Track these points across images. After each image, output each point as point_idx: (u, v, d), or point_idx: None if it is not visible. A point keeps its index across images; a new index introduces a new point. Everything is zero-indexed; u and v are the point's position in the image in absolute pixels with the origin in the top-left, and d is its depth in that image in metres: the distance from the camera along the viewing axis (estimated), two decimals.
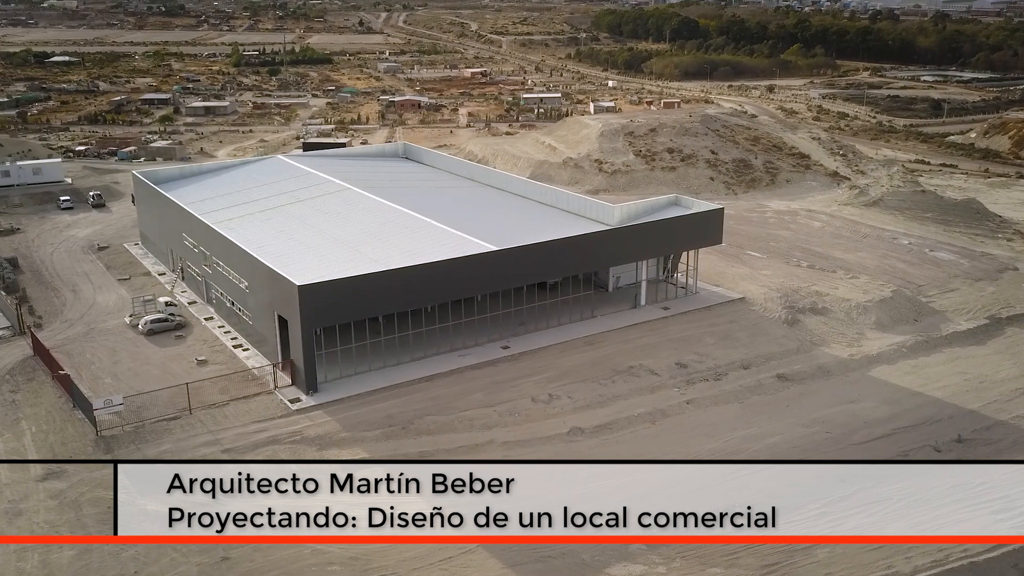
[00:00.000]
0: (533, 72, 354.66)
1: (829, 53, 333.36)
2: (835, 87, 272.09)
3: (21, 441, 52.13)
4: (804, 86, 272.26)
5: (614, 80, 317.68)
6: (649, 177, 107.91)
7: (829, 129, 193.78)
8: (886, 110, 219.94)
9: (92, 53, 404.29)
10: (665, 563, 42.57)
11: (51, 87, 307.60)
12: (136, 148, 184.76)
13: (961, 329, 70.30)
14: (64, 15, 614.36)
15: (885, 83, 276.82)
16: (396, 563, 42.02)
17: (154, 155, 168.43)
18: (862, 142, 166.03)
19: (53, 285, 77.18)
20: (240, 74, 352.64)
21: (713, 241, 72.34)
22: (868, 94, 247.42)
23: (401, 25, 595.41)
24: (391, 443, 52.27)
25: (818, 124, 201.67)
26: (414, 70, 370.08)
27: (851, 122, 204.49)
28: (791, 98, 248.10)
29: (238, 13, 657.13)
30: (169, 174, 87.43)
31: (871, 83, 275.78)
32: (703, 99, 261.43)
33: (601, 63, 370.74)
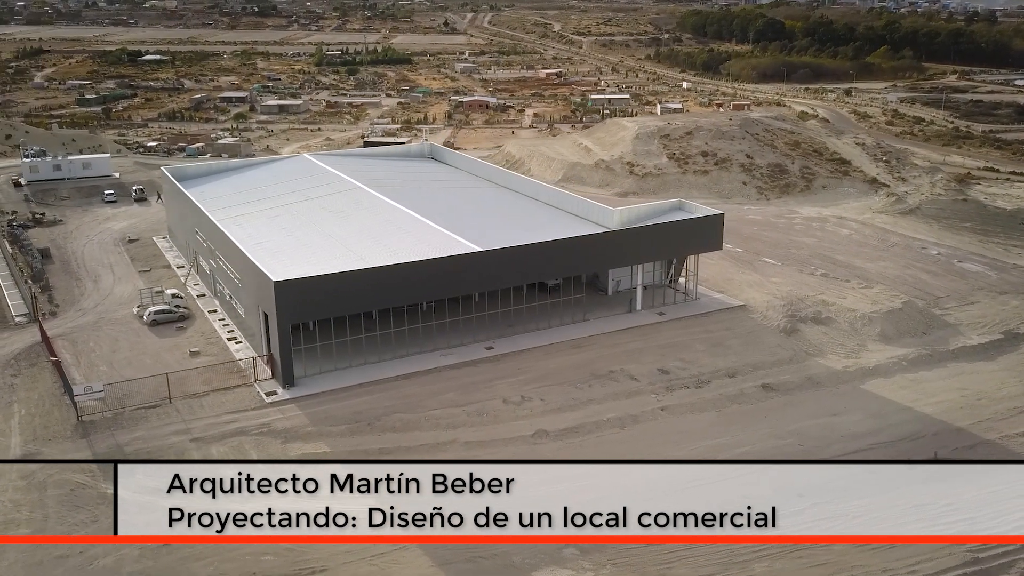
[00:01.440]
0: (609, 73, 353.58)
1: (918, 56, 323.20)
2: (917, 91, 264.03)
3: (8, 423, 54.59)
4: (885, 90, 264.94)
5: (689, 82, 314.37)
6: (681, 180, 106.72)
7: (900, 134, 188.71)
8: (966, 115, 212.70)
9: (183, 52, 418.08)
10: (595, 568, 42.43)
11: (139, 85, 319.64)
12: (203, 145, 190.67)
13: (971, 344, 67.89)
14: (163, 15, 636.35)
15: (972, 87, 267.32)
16: (328, 556, 42.77)
17: (220, 152, 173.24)
18: (931, 148, 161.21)
19: (77, 275, 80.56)
20: (320, 73, 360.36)
21: (713, 247, 71.31)
22: (949, 98, 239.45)
23: (486, 26, 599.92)
24: (354, 439, 53.16)
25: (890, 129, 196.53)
26: (490, 71, 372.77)
27: (926, 127, 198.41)
28: (867, 102, 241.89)
29: (328, 13, 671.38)
30: (197, 170, 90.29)
31: (956, 87, 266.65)
32: (775, 102, 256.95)
33: (680, 64, 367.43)
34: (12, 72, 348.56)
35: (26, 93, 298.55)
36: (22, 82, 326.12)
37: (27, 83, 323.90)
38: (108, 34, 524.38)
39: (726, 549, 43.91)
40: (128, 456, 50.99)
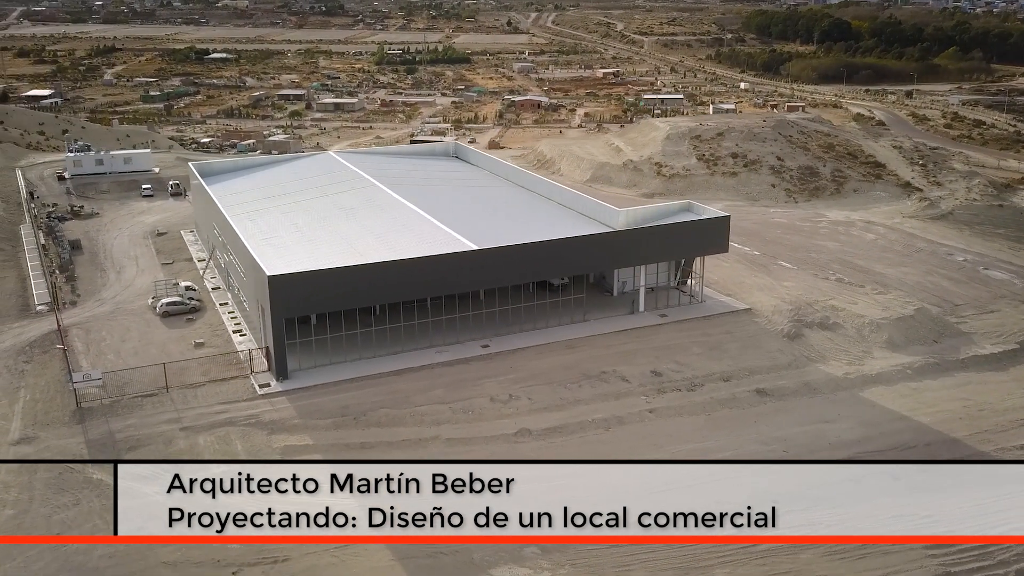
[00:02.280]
0: (668, 73, 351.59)
1: (988, 58, 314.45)
2: (982, 93, 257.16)
3: (12, 407, 56.66)
4: (949, 92, 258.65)
5: (747, 83, 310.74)
6: (708, 182, 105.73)
7: (957, 138, 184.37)
8: None
9: (248, 50, 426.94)
10: (552, 568, 42.58)
11: (202, 82, 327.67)
12: (255, 141, 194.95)
13: (983, 353, 66.23)
14: (233, 14, 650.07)
15: None
16: (292, 547, 43.58)
17: (271, 148, 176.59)
18: (988, 152, 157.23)
19: (103, 266, 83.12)
20: (379, 72, 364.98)
21: (719, 249, 70.67)
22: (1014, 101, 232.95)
23: (549, 25, 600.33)
24: (338, 432, 54.03)
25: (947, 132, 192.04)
26: (548, 70, 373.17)
27: (985, 131, 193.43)
28: (927, 104, 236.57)
29: (394, 13, 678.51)
30: (223, 166, 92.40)
31: (1023, 90, 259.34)
32: (832, 103, 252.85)
33: (740, 65, 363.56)
34: (84, 69, 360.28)
35: (95, 90, 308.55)
36: (93, 79, 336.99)
37: (97, 80, 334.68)
38: (179, 33, 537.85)
39: (688, 552, 43.75)
40: (118, 442, 52.67)
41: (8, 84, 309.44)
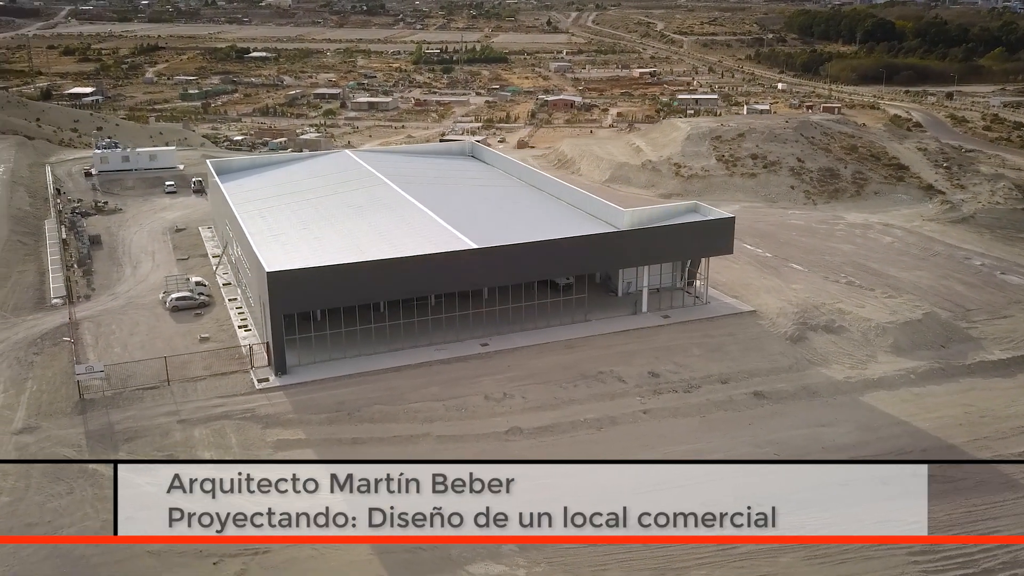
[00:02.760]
0: (706, 73, 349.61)
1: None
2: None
3: (18, 398, 57.99)
4: (992, 93, 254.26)
5: (785, 83, 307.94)
6: (727, 183, 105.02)
7: (996, 140, 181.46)
8: None
9: (288, 49, 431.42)
10: (528, 566, 42.77)
11: (241, 81, 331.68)
12: (286, 140, 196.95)
13: (991, 359, 65.23)
14: (276, 13, 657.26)
15: None
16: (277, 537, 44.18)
17: (302, 147, 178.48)
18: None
19: (120, 261, 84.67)
20: (416, 72, 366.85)
21: (723, 251, 70.28)
22: None
23: (589, 25, 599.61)
24: (332, 427, 54.65)
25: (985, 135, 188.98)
26: (585, 70, 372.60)
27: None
28: (967, 106, 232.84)
29: (434, 12, 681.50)
30: (241, 163, 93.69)
31: None
32: (870, 104, 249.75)
33: (779, 65, 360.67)
34: (126, 68, 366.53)
35: (136, 87, 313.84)
36: (134, 77, 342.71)
37: (139, 78, 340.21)
38: (222, 31, 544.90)
39: (666, 553, 43.73)
40: (116, 433, 53.73)
41: (52, 82, 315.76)
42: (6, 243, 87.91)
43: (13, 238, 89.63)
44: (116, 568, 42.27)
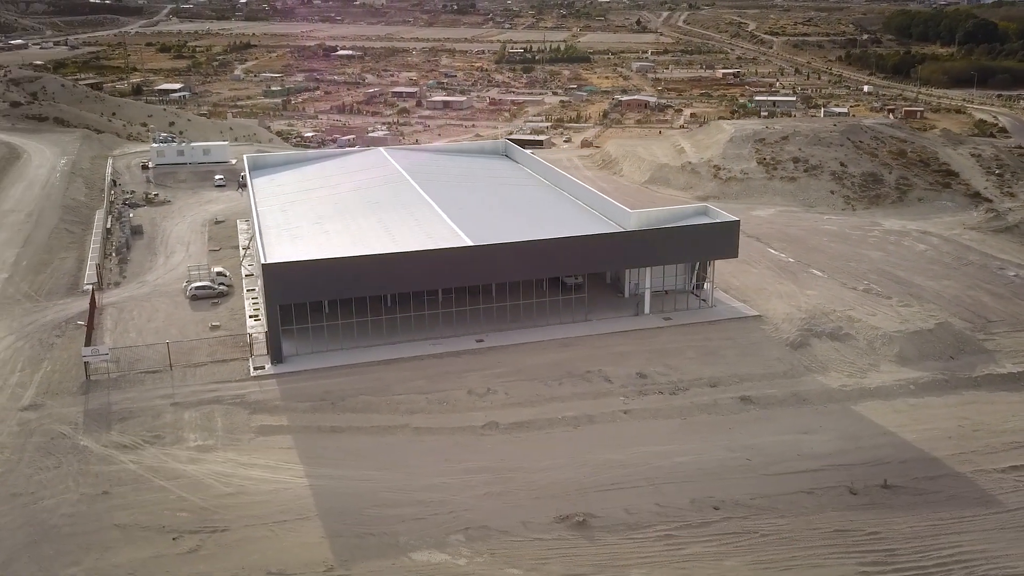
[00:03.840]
0: (792, 74, 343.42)
1: None
2: None
3: (32, 377, 61.26)
4: None
5: (872, 85, 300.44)
6: (765, 186, 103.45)
7: None
8: None
9: (375, 48, 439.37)
10: (471, 556, 43.53)
11: (324, 78, 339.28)
12: (354, 137, 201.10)
13: (1000, 372, 63.23)
14: (368, 12, 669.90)
15: None
16: (234, 518, 46.02)
17: (369, 144, 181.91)
18: None
19: (156, 250, 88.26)
20: (496, 71, 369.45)
21: (728, 254, 69.63)
22: None
23: (680, 25, 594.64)
24: (314, 415, 56.28)
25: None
26: (667, 70, 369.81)
27: None
28: None
29: (525, 12, 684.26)
30: (277, 159, 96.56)
31: None
32: (956, 108, 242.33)
33: (869, 67, 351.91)
34: (217, 65, 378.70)
35: (223, 84, 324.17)
36: (223, 74, 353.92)
37: (227, 75, 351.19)
38: (314, 30, 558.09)
39: (609, 550, 44.05)
40: (112, 413, 56.35)
41: (145, 78, 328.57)
42: (53, 231, 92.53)
43: (61, 226, 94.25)
44: (83, 539, 44.56)
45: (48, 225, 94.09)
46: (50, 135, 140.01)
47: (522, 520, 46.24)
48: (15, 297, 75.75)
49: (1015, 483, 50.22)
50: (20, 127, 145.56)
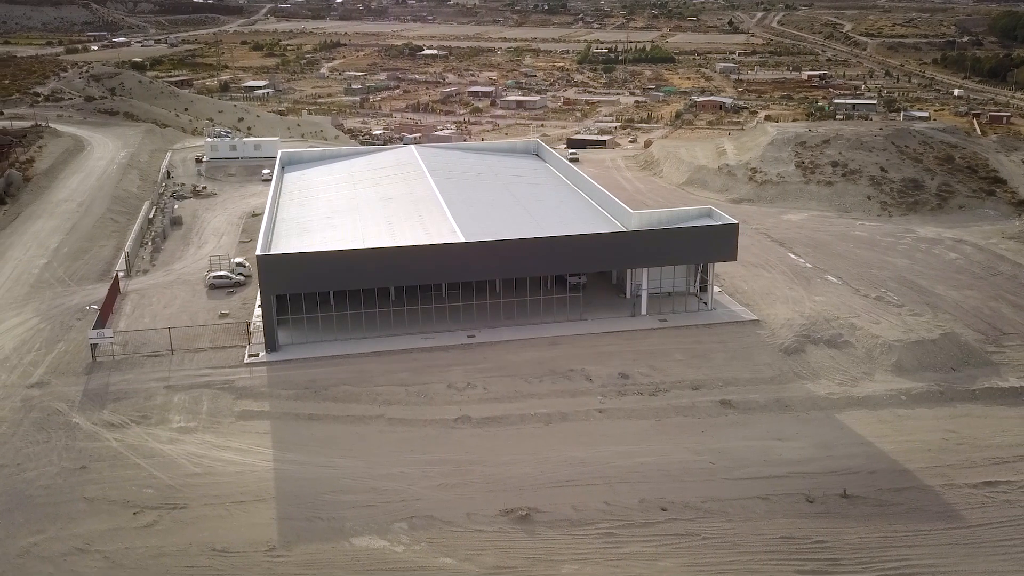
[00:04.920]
0: (882, 77, 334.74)
1: None
2: None
3: (46, 356, 64.76)
4: None
5: (963, 89, 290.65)
6: (801, 190, 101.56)
7: None
8: None
9: (461, 48, 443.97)
10: (409, 544, 44.60)
11: (405, 77, 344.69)
12: (421, 135, 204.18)
13: (1002, 386, 61.25)
14: (460, 12, 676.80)
15: None
16: (195, 497, 48.12)
17: (435, 141, 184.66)
18: None
19: (190, 240, 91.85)
20: (577, 71, 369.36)
21: (726, 257, 68.97)
22: None
23: (773, 26, 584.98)
24: (296, 403, 58.12)
25: None
26: (752, 71, 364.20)
27: None
28: None
29: (616, 12, 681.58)
30: (311, 155, 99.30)
31: None
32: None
33: (964, 70, 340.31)
34: (304, 63, 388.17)
35: (307, 82, 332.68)
36: (310, 72, 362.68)
37: (313, 73, 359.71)
38: (404, 29, 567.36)
39: (545, 546, 44.59)
40: (108, 393, 59.19)
41: (234, 75, 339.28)
42: (99, 220, 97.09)
43: (107, 216, 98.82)
44: (52, 509, 47.19)
45: (95, 214, 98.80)
46: (116, 129, 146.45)
47: (468, 512, 47.07)
48: (48, 281, 79.96)
49: (984, 499, 48.77)
50: (91, 121, 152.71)
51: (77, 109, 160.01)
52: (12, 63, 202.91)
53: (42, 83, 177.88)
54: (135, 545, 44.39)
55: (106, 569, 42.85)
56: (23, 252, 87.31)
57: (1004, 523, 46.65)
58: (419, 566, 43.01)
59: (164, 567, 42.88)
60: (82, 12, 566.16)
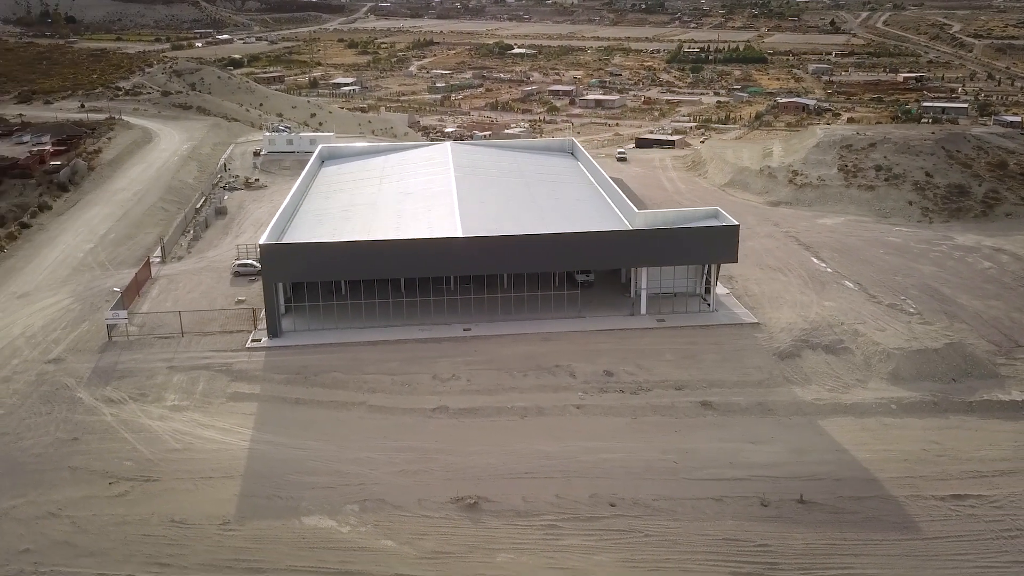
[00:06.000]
0: (983, 80, 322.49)
1: None
2: None
3: (69, 335, 68.62)
4: None
5: None
6: (841, 194, 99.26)
7: None
8: None
9: (551, 47, 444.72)
10: (356, 525, 46.21)
11: (490, 76, 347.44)
12: (491, 133, 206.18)
13: (1003, 399, 59.37)
14: (556, 11, 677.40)
15: None
16: (168, 471, 50.73)
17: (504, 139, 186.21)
18: None
19: (228, 230, 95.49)
20: (664, 70, 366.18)
21: (726, 258, 68.45)
22: None
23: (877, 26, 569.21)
24: (285, 387, 60.39)
25: None
26: (846, 72, 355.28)
27: None
28: None
29: (715, 11, 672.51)
30: (351, 150, 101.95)
31: None
32: None
33: None
34: (395, 61, 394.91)
35: (394, 79, 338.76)
36: (399, 70, 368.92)
37: (401, 71, 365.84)
38: (500, 28, 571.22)
39: (485, 534, 45.62)
40: (115, 371, 62.46)
41: (325, 72, 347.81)
42: (149, 208, 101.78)
43: (159, 204, 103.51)
44: (38, 476, 50.42)
45: (147, 203, 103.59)
46: (186, 122, 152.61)
47: (420, 498, 48.39)
48: (90, 265, 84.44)
49: (949, 512, 47.68)
50: (164, 114, 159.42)
51: (153, 103, 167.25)
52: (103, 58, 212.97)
53: (127, 78, 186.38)
54: (103, 512, 47.12)
55: (71, 533, 45.64)
56: (73, 237, 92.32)
57: (962, 537, 45.57)
58: (360, 547, 44.52)
59: (123, 534, 45.46)
60: (192, 10, 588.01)
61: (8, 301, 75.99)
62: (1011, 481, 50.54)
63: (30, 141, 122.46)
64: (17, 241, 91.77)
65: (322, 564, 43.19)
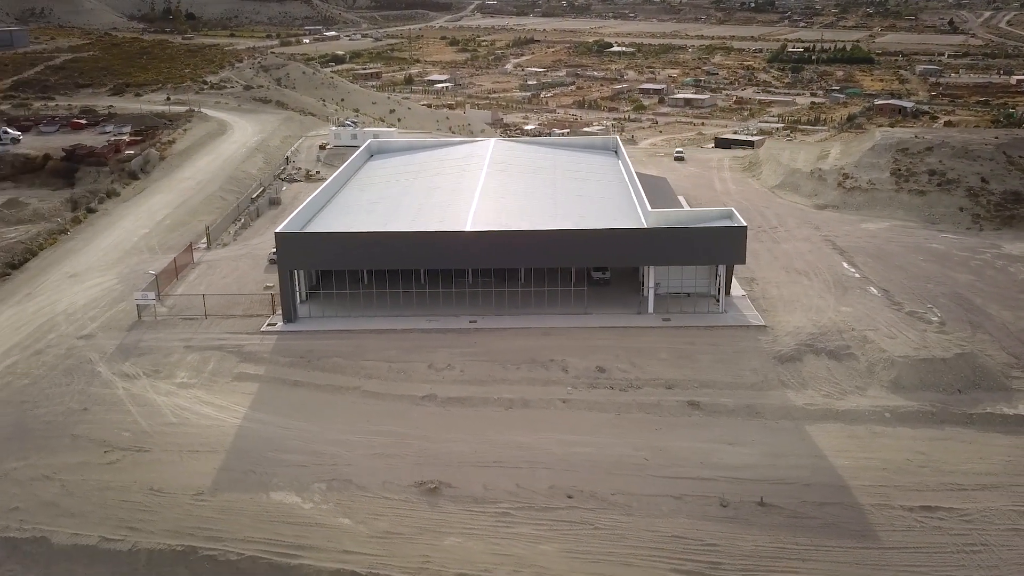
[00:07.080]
0: None
1: None
2: None
3: (106, 312, 72.90)
4: None
5: None
6: (891, 198, 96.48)
7: None
8: None
9: (652, 45, 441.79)
10: (320, 503, 48.25)
11: (582, 74, 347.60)
12: (568, 131, 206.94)
13: (1007, 413, 57.45)
14: (663, 9, 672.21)
15: None
16: (157, 443, 53.83)
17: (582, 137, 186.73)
18: None
19: (278, 220, 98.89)
20: (763, 70, 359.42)
21: (734, 259, 67.97)
22: None
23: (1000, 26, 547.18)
24: (287, 369, 63.02)
25: None
26: (957, 74, 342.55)
27: None
28: None
29: (827, 10, 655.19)
30: (400, 145, 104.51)
31: None
32: None
33: None
34: (493, 59, 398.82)
35: (487, 77, 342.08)
36: (495, 67, 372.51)
37: (496, 68, 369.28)
38: (603, 26, 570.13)
39: (438, 518, 47.10)
40: (137, 348, 66.13)
41: (422, 69, 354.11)
42: (208, 197, 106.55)
43: (218, 194, 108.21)
44: (43, 442, 54.12)
45: (207, 192, 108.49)
46: (262, 115, 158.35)
47: (385, 480, 50.10)
48: (141, 249, 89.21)
49: (913, 522, 46.81)
50: (243, 108, 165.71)
51: (235, 97, 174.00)
52: (199, 53, 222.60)
53: (216, 72, 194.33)
54: (90, 478, 50.38)
55: (59, 495, 48.99)
56: (132, 222, 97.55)
57: (920, 549, 44.75)
58: (317, 523, 46.52)
59: (104, 498, 48.58)
60: (303, 7, 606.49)
61: (60, 280, 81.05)
62: (990, 495, 49.15)
63: (112, 131, 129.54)
64: (81, 225, 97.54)
65: (277, 536, 45.30)
